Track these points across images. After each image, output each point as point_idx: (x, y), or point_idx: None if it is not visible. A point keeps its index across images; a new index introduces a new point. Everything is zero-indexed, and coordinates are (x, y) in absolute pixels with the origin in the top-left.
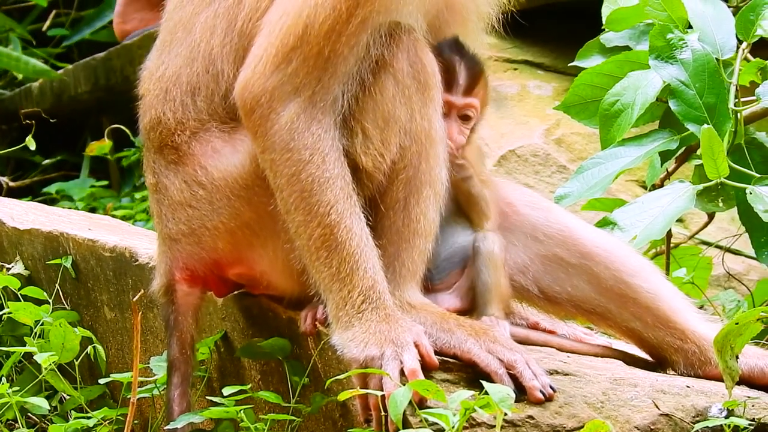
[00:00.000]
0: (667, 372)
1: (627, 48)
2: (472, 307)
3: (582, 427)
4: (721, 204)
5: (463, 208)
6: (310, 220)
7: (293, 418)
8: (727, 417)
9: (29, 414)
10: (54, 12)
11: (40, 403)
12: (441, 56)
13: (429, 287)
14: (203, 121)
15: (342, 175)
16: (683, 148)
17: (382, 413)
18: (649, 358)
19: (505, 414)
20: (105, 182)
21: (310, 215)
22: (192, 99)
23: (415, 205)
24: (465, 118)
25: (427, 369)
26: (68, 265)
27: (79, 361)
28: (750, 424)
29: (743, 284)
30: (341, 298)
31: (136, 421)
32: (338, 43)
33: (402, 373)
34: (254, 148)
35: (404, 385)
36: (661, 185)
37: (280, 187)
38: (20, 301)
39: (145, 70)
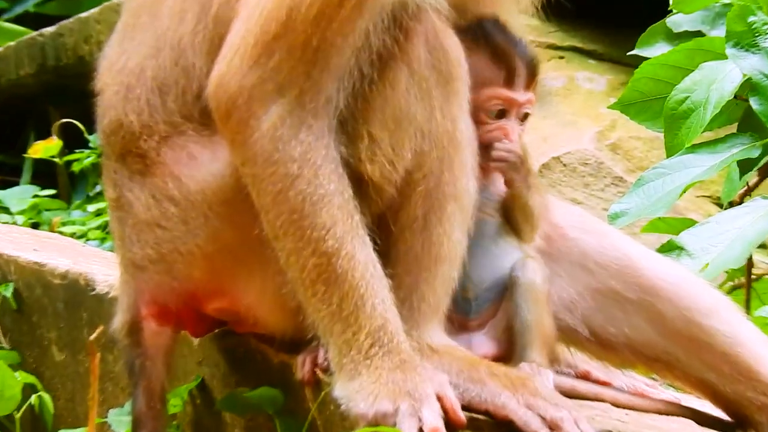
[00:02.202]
0: None
1: (699, 34)
2: (508, 352)
3: None
4: None
5: (510, 218)
6: (303, 247)
7: None
8: None
9: None
10: None
11: None
12: (491, 43)
13: (461, 323)
14: (176, 124)
15: (340, 191)
16: (767, 157)
17: None
18: (727, 417)
19: None
20: (51, 191)
21: (302, 241)
22: (160, 98)
23: (437, 224)
24: (524, 117)
25: (452, 428)
26: (8, 294)
27: (20, 413)
28: None
29: None
30: (345, 341)
31: None
32: (329, 30)
33: None
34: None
35: None
36: (740, 202)
37: (265, 208)
38: None
39: (104, 59)
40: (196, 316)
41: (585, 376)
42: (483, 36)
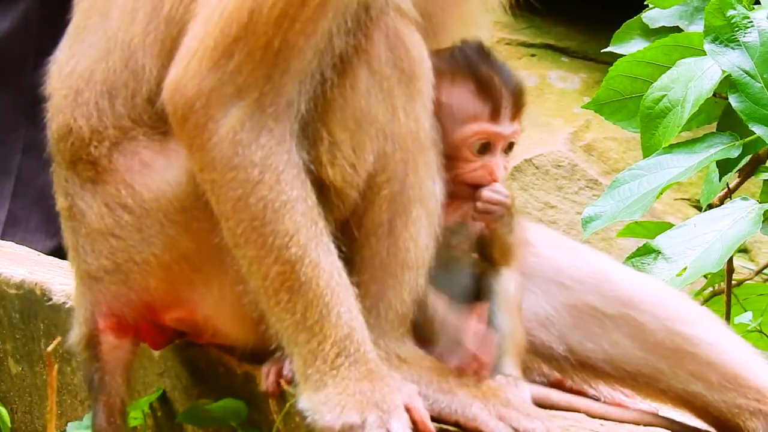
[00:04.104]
0: None
1: (676, 29)
2: None
3: None
4: None
5: (487, 253)
6: (265, 255)
7: None
8: None
9: None
10: None
11: None
12: (474, 74)
13: None
14: (125, 129)
15: (303, 196)
16: (748, 157)
17: None
18: (707, 428)
19: None
20: None
21: (264, 249)
22: (109, 102)
23: (402, 229)
24: (509, 148)
25: None
26: None
27: None
28: None
29: None
30: (310, 351)
31: None
32: (291, 32)
33: None
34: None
35: None
36: (720, 204)
37: (225, 215)
38: None
39: (53, 64)
40: (155, 328)
41: (559, 384)
42: (465, 65)
